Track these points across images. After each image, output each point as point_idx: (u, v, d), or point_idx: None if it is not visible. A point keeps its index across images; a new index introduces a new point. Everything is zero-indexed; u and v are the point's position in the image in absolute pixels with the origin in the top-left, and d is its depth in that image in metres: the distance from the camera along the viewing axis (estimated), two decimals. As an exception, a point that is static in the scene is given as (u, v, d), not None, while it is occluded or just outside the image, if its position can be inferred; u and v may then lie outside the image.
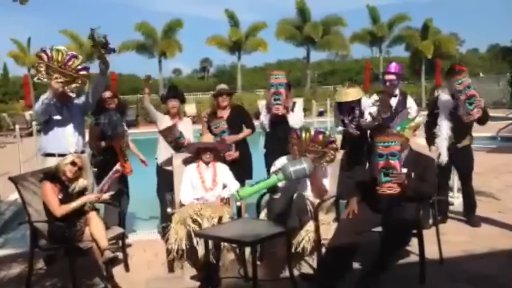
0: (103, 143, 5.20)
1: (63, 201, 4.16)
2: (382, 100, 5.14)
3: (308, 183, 4.42)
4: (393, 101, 5.38)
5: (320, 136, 4.36)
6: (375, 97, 5.43)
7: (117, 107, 5.31)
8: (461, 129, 5.19)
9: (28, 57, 30.55)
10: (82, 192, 4.34)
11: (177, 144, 5.19)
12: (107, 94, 5.25)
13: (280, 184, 4.15)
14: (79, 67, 4.65)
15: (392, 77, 5.39)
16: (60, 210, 4.10)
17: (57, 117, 4.75)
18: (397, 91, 5.47)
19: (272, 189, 4.19)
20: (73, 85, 4.68)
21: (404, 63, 24.16)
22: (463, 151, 5.29)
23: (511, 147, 11.05)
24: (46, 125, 4.84)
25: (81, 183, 4.33)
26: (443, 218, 5.45)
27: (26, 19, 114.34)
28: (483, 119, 5.10)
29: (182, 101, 5.60)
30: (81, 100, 4.99)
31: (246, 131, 5.64)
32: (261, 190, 4.17)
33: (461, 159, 5.32)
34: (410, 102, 5.50)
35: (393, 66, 5.46)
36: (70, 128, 4.81)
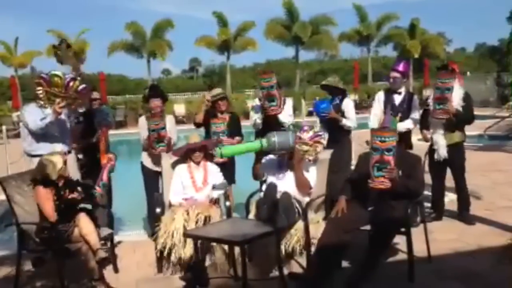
0: (92, 140, 5.16)
1: (57, 202, 4.14)
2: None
3: (293, 178, 4.45)
4: (398, 99, 5.45)
5: (308, 131, 4.47)
6: (380, 94, 5.53)
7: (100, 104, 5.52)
8: (449, 126, 5.24)
9: (15, 58, 30.26)
10: (70, 182, 4.33)
11: (158, 134, 5.15)
12: (95, 94, 5.29)
13: (264, 188, 4.38)
14: (80, 88, 4.66)
15: (397, 74, 5.44)
16: (54, 216, 4.08)
17: (55, 134, 4.77)
18: (402, 89, 5.52)
19: (257, 153, 4.43)
20: (75, 106, 4.79)
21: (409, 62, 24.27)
22: (454, 148, 5.33)
23: (498, 145, 11.17)
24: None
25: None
26: (438, 216, 5.50)
27: (12, 20, 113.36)
28: (459, 122, 5.25)
29: (165, 100, 5.56)
30: None
31: (238, 138, 5.68)
32: (243, 151, 4.43)
33: (453, 156, 5.35)
34: (415, 104, 5.51)
35: (399, 65, 5.53)
36: (55, 128, 4.78)
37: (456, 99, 5.17)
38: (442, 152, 5.32)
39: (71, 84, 4.58)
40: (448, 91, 5.06)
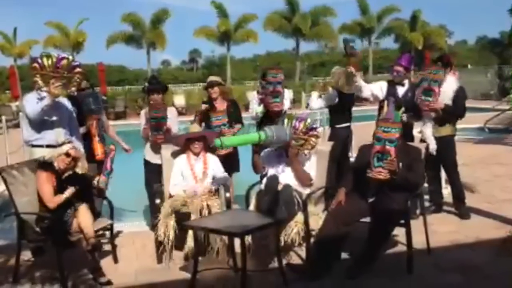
0: (82, 129, 5.16)
1: (57, 191, 4.16)
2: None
3: (291, 171, 4.44)
4: (401, 90, 5.46)
5: (301, 124, 4.43)
6: (384, 84, 5.55)
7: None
8: (437, 119, 5.24)
9: (14, 48, 30.20)
10: (73, 177, 4.33)
11: (158, 123, 5.13)
12: (83, 84, 5.27)
13: (265, 180, 4.41)
14: (73, 64, 4.60)
15: (400, 68, 5.44)
16: (53, 201, 4.10)
17: (54, 118, 4.70)
18: (406, 81, 5.52)
19: (256, 144, 4.45)
20: (72, 85, 4.67)
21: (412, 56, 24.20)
22: (443, 141, 5.31)
23: (498, 138, 11.15)
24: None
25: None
26: (437, 208, 5.50)
27: (10, 10, 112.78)
28: (449, 116, 5.24)
29: (165, 91, 5.53)
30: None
31: (238, 126, 5.67)
32: (243, 142, 4.47)
33: (443, 149, 5.33)
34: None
35: (403, 59, 5.52)
36: (58, 119, 4.75)
37: (448, 94, 5.16)
38: (432, 145, 5.31)
39: (62, 62, 4.48)
40: (436, 83, 5.02)
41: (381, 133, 3.83)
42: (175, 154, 4.87)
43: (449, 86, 5.18)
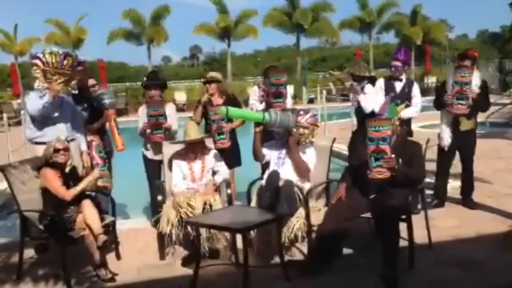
0: (95, 125, 5.16)
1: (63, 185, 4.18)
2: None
3: (290, 163, 4.45)
4: (399, 86, 5.51)
5: (303, 117, 4.48)
6: (380, 82, 5.59)
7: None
8: (467, 113, 5.27)
9: (15, 45, 30.15)
10: (74, 172, 4.37)
11: (156, 121, 5.15)
12: (91, 81, 5.29)
13: (266, 176, 4.40)
14: (75, 63, 4.62)
15: (398, 63, 5.50)
16: (69, 194, 4.11)
17: (55, 115, 4.71)
18: (403, 76, 5.57)
19: (258, 124, 4.43)
20: (73, 82, 4.70)
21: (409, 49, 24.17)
22: (466, 135, 5.40)
23: (500, 132, 11.14)
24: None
25: (69, 163, 4.36)
26: (439, 203, 5.52)
27: (10, 6, 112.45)
28: (477, 109, 5.36)
29: (164, 87, 5.53)
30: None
31: (238, 121, 5.67)
32: (247, 117, 4.65)
33: (464, 142, 5.43)
34: (416, 91, 5.55)
35: (400, 53, 5.57)
36: (60, 116, 4.76)
37: (474, 88, 5.21)
38: (446, 142, 5.35)
39: (67, 60, 4.51)
40: (467, 85, 5.10)
41: (373, 133, 3.81)
42: (174, 154, 4.86)
43: (474, 81, 5.22)
